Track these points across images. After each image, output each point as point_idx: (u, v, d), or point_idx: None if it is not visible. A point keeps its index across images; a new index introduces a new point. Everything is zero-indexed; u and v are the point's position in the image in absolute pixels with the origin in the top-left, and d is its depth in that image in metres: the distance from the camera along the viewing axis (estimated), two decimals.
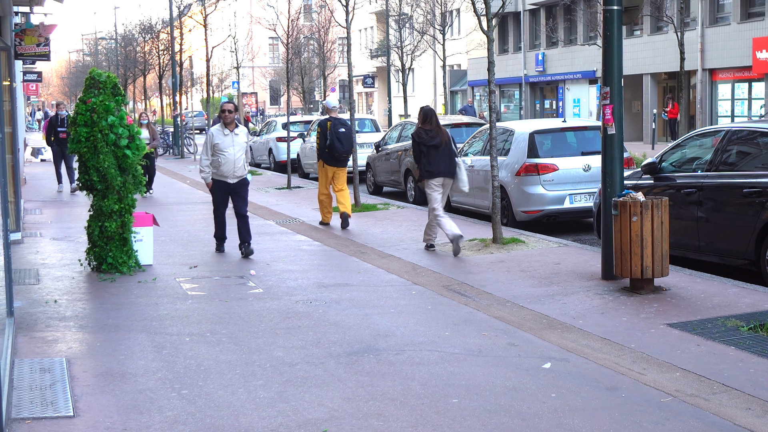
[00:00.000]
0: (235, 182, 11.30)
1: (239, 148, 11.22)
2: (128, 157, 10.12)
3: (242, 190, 11.38)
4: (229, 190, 11.36)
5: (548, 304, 8.20)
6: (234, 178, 11.28)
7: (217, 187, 11.38)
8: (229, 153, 11.15)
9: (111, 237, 10.10)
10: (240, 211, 11.33)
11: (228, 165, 11.17)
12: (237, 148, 11.19)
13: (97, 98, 10.09)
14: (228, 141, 11.17)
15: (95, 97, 10.10)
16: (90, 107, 10.06)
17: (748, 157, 9.51)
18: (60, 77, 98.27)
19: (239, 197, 11.36)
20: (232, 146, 11.17)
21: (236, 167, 11.22)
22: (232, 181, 11.29)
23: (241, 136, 11.30)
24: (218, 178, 11.30)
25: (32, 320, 7.94)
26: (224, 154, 11.13)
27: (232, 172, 11.22)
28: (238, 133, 11.26)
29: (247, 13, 54.93)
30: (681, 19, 25.07)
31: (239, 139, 11.26)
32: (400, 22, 35.05)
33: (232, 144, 11.18)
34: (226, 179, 11.27)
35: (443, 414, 5.43)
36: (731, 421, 5.24)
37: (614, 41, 9.00)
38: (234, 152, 11.17)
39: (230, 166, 11.18)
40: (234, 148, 11.17)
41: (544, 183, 13.12)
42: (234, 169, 11.22)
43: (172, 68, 35.56)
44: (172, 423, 5.35)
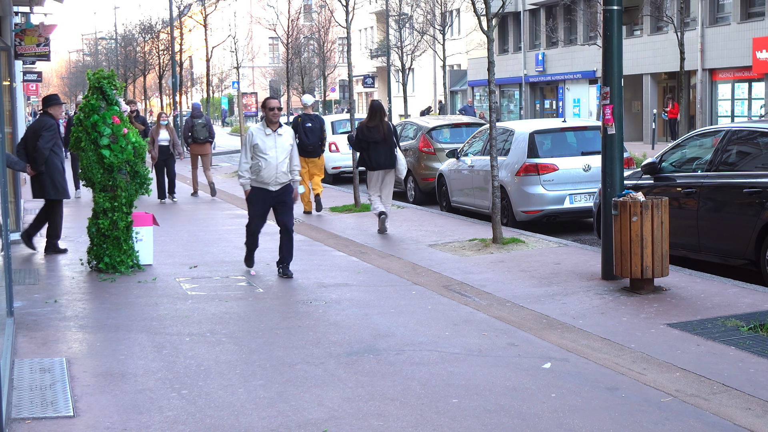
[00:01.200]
0: (277, 190, 9.80)
1: (283, 150, 9.73)
2: (105, 156, 10.05)
3: (287, 198, 9.89)
4: (270, 199, 9.85)
5: (548, 304, 8.20)
6: (276, 185, 9.78)
7: (255, 196, 9.86)
8: (270, 156, 9.65)
9: (106, 235, 10.11)
10: (285, 225, 9.89)
11: (269, 170, 9.69)
12: (280, 150, 9.71)
13: (90, 97, 10.18)
14: (270, 142, 9.70)
15: (91, 96, 10.19)
16: (80, 107, 10.21)
17: (748, 157, 9.51)
18: (60, 77, 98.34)
19: (284, 207, 9.89)
20: (275, 148, 9.68)
21: (278, 173, 9.71)
22: (273, 188, 9.78)
23: (286, 137, 9.81)
24: (258, 185, 9.79)
25: (32, 320, 7.94)
26: (265, 158, 9.65)
27: (274, 178, 9.72)
28: (281, 133, 9.78)
29: (247, 13, 54.93)
30: (681, 19, 25.08)
31: (283, 141, 9.77)
32: (400, 22, 35.06)
33: (274, 146, 9.70)
34: (266, 186, 9.77)
35: (443, 414, 5.43)
36: (731, 421, 5.24)
37: (614, 41, 9.00)
38: (276, 155, 9.67)
39: (272, 171, 9.69)
40: (276, 150, 9.69)
41: (544, 183, 13.12)
42: (276, 175, 9.71)
43: (172, 68, 35.59)
44: (172, 423, 5.35)
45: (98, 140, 10.06)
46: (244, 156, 9.82)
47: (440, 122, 19.11)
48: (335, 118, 25.52)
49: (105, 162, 10.07)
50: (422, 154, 17.82)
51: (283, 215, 9.90)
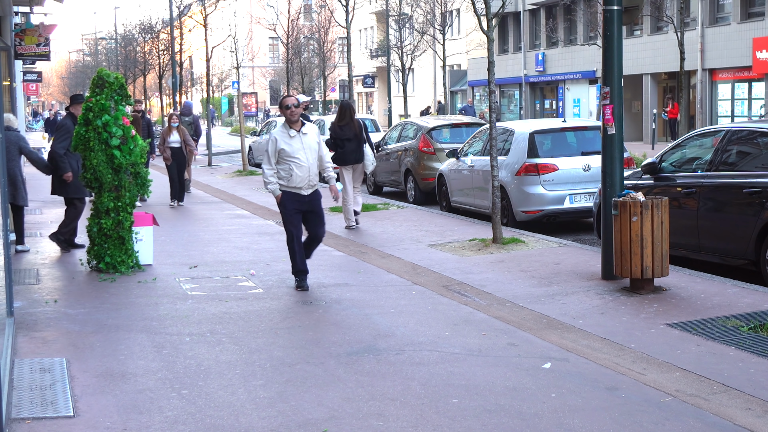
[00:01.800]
0: (309, 194, 9.16)
1: (312, 150, 9.11)
2: (116, 157, 10.09)
3: (317, 205, 9.27)
4: (303, 203, 9.14)
5: (548, 304, 8.20)
6: (309, 188, 9.13)
7: (289, 200, 9.10)
8: (301, 159, 9.00)
9: (108, 235, 10.12)
10: (317, 234, 9.33)
11: (302, 173, 9.00)
12: (309, 151, 9.08)
13: (96, 97, 10.16)
14: (297, 144, 9.01)
15: (95, 96, 10.17)
16: (88, 106, 10.15)
17: (748, 157, 9.51)
18: (60, 77, 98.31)
19: (317, 218, 9.27)
20: (303, 150, 9.02)
21: (311, 175, 9.09)
22: (306, 192, 9.12)
23: (311, 135, 9.18)
24: (290, 189, 9.11)
25: (32, 320, 7.94)
26: (296, 161, 8.97)
27: (307, 181, 9.06)
28: (306, 132, 9.12)
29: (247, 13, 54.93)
30: (681, 19, 25.06)
31: (309, 140, 9.13)
32: (400, 22, 35.07)
33: (302, 147, 9.02)
34: (299, 191, 9.08)
35: (443, 414, 5.43)
36: (731, 421, 5.24)
37: (614, 41, 9.00)
38: (307, 157, 9.04)
39: (305, 174, 9.01)
40: (305, 151, 9.04)
41: (544, 183, 13.12)
42: (309, 178, 9.07)
43: (172, 68, 35.58)
44: (172, 423, 5.35)
45: (109, 141, 10.08)
46: (268, 163, 9.10)
47: (440, 122, 19.11)
48: None
49: (114, 162, 10.10)
50: (422, 154, 17.82)
51: (315, 226, 9.29)
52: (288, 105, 9.02)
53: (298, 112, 9.08)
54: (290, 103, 9.03)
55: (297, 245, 9.22)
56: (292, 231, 9.18)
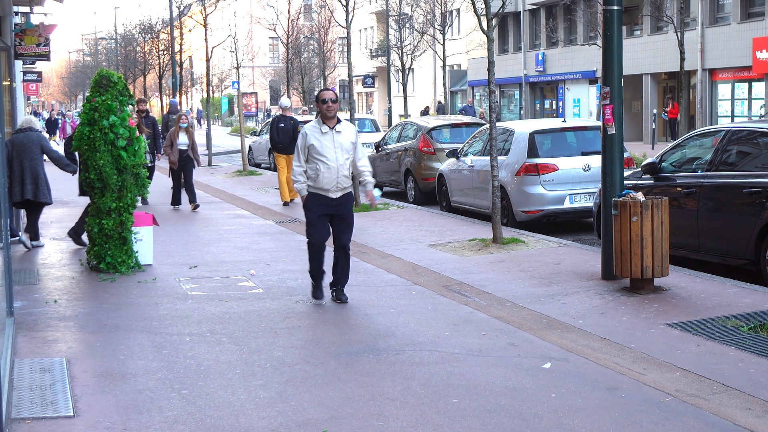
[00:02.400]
0: (338, 197, 8.43)
1: (343, 150, 8.38)
2: (122, 158, 10.11)
3: (347, 212, 8.52)
4: (330, 207, 8.44)
5: (548, 304, 8.20)
6: (337, 192, 8.39)
7: (314, 202, 8.43)
8: (330, 158, 8.31)
9: (109, 235, 10.12)
10: (341, 241, 8.54)
11: (329, 174, 8.32)
12: (340, 151, 8.37)
13: (100, 97, 10.15)
14: (328, 142, 8.35)
15: (99, 96, 10.17)
16: (93, 106, 10.13)
17: (748, 157, 9.51)
18: (60, 77, 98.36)
19: (344, 224, 8.51)
20: (334, 149, 8.34)
21: (340, 177, 8.35)
22: (334, 195, 8.40)
23: (346, 134, 8.45)
24: (316, 191, 8.42)
25: (32, 320, 7.94)
26: (323, 160, 8.31)
27: (335, 183, 8.34)
28: (341, 130, 8.42)
29: (247, 13, 54.94)
30: (681, 19, 25.06)
31: (343, 139, 8.41)
32: (400, 22, 35.05)
33: (333, 146, 8.35)
34: (327, 193, 8.39)
35: (443, 414, 5.43)
36: (731, 421, 5.24)
37: (614, 41, 9.00)
38: (336, 157, 8.33)
39: (332, 175, 8.32)
40: (336, 151, 8.35)
41: (544, 183, 13.12)
42: (337, 180, 8.34)
43: (172, 68, 35.59)
44: (172, 423, 5.35)
45: (116, 142, 10.09)
46: (298, 159, 8.46)
47: (440, 122, 19.11)
48: None
49: (120, 163, 10.11)
50: (422, 154, 17.82)
51: (341, 233, 8.53)
52: (325, 99, 8.37)
53: (335, 108, 8.41)
54: (327, 97, 8.38)
55: (317, 252, 8.53)
56: (313, 236, 8.50)
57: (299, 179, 8.46)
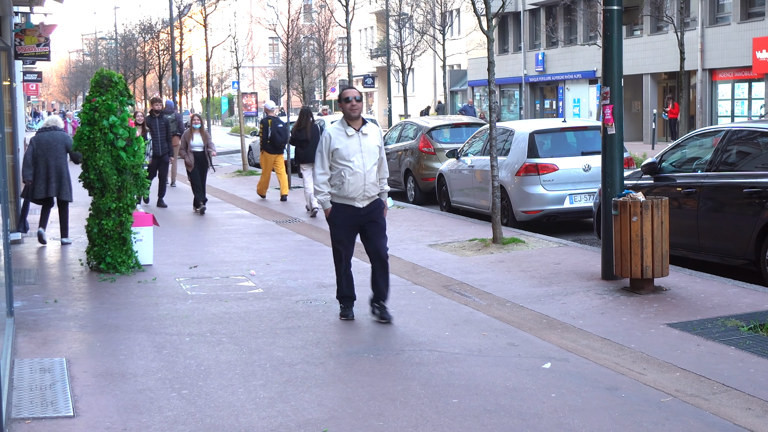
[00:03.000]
0: (366, 206, 7.67)
1: (371, 155, 7.64)
2: (122, 158, 10.12)
3: (378, 216, 7.73)
4: (357, 218, 7.66)
5: (548, 304, 8.20)
6: (364, 200, 7.64)
7: (339, 215, 7.65)
8: (356, 164, 7.54)
9: (109, 236, 10.12)
10: (376, 247, 7.69)
11: (356, 181, 7.54)
12: (368, 155, 7.61)
13: (101, 97, 10.16)
14: (354, 145, 7.58)
15: (99, 96, 10.17)
16: (93, 106, 10.14)
17: (748, 157, 9.51)
18: (60, 77, 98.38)
19: (376, 227, 7.71)
20: (360, 152, 7.57)
21: (367, 184, 7.59)
22: (361, 204, 7.63)
23: (373, 137, 7.72)
24: (341, 201, 7.62)
25: (32, 320, 7.94)
26: (349, 166, 7.52)
27: (362, 191, 7.58)
28: (367, 132, 7.68)
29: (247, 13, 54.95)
30: (681, 19, 25.07)
31: (369, 142, 7.66)
32: (400, 22, 35.06)
33: (359, 149, 7.58)
34: (352, 202, 7.61)
35: (443, 414, 5.43)
36: (731, 421, 5.24)
37: (614, 41, 9.00)
38: (363, 162, 7.57)
39: (359, 182, 7.55)
40: (363, 155, 7.58)
41: (544, 183, 13.12)
42: (364, 187, 7.58)
43: (172, 68, 35.59)
44: (172, 423, 5.35)
45: (116, 142, 10.09)
46: (321, 166, 7.60)
47: (440, 122, 19.11)
48: (334, 118, 25.53)
49: (120, 164, 10.12)
50: (422, 154, 17.83)
51: (374, 239, 7.69)
52: (348, 97, 7.61)
53: (360, 107, 7.65)
54: (351, 95, 7.63)
55: (345, 267, 7.81)
56: (340, 251, 7.77)
57: (323, 189, 7.59)
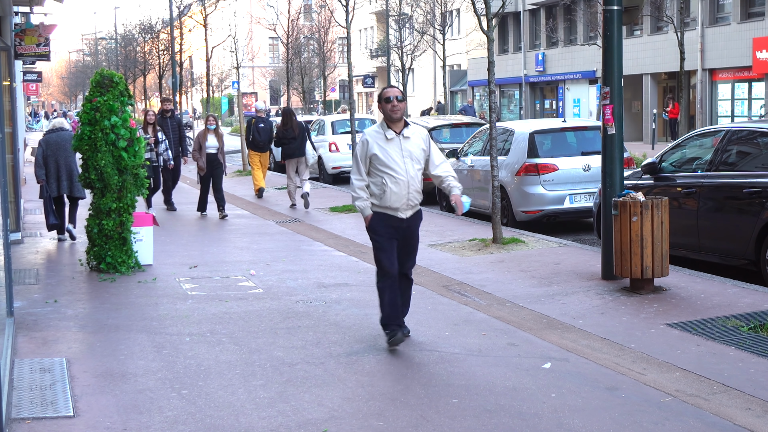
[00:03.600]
0: (409, 216, 6.99)
1: (414, 160, 6.88)
2: (123, 159, 10.13)
3: (413, 233, 7.14)
4: (399, 228, 6.98)
5: (548, 304, 8.20)
6: (407, 210, 6.95)
7: (380, 224, 6.94)
8: (398, 170, 6.80)
9: (110, 236, 10.12)
10: (405, 267, 7.15)
11: (398, 189, 6.81)
12: (411, 161, 6.86)
13: (101, 98, 10.16)
14: (394, 151, 6.83)
15: (100, 97, 10.17)
16: (94, 106, 10.14)
17: (748, 157, 9.51)
18: (60, 77, 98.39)
19: (409, 247, 7.13)
20: (402, 158, 6.83)
21: (411, 192, 6.88)
22: (404, 214, 6.94)
23: (416, 140, 6.93)
24: (381, 209, 6.92)
25: (32, 320, 7.94)
26: (391, 173, 6.80)
27: (405, 200, 6.87)
28: (409, 135, 6.90)
29: (247, 13, 54.95)
30: (681, 19, 25.07)
31: (412, 146, 6.89)
32: (400, 22, 35.05)
33: (401, 155, 6.84)
34: (395, 212, 6.91)
35: (443, 414, 5.43)
36: (731, 421, 5.24)
37: (614, 41, 9.00)
38: (406, 168, 6.83)
39: (401, 191, 6.82)
40: (406, 161, 6.84)
41: (544, 183, 13.12)
42: (408, 196, 6.87)
43: (172, 68, 35.58)
44: (172, 423, 5.35)
45: (117, 142, 10.10)
46: (358, 173, 6.94)
47: (440, 122, 19.11)
48: (335, 118, 25.54)
49: (121, 164, 10.12)
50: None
51: (406, 259, 7.14)
52: (389, 97, 6.85)
53: (402, 108, 6.89)
54: (392, 95, 6.87)
55: (390, 285, 6.98)
56: (385, 265, 6.95)
57: (361, 195, 6.92)
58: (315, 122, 25.42)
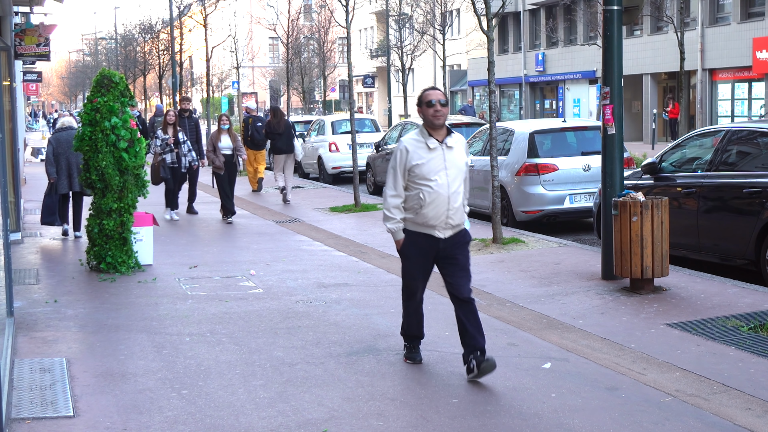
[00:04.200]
0: (448, 236, 6.15)
1: (457, 171, 6.12)
2: (124, 159, 10.15)
3: (459, 252, 6.21)
4: (435, 250, 6.17)
5: (548, 304, 8.20)
6: (447, 229, 6.11)
7: (414, 247, 6.19)
8: (440, 183, 6.03)
9: (110, 236, 10.12)
10: (461, 293, 6.18)
11: (438, 206, 6.03)
12: (453, 172, 6.08)
13: (102, 98, 10.16)
14: (437, 161, 6.05)
15: (101, 97, 10.18)
16: (95, 107, 10.14)
17: (748, 157, 9.51)
18: (60, 77, 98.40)
19: (456, 266, 6.18)
20: (446, 170, 6.06)
21: (451, 209, 6.06)
22: (442, 234, 6.12)
23: (459, 150, 6.17)
24: (417, 228, 6.13)
25: (32, 320, 7.94)
26: (431, 186, 6.02)
27: (445, 218, 6.06)
28: (452, 144, 6.13)
29: (247, 13, 54.97)
30: (681, 19, 25.07)
31: (456, 157, 6.14)
32: (400, 22, 35.05)
33: (444, 166, 6.06)
34: (432, 231, 6.10)
35: (443, 414, 5.43)
36: (731, 421, 5.24)
37: (614, 41, 9.00)
38: (448, 181, 6.05)
39: (441, 207, 6.04)
40: (449, 173, 6.06)
41: (544, 183, 13.12)
42: (447, 213, 6.06)
43: (172, 68, 35.59)
44: (172, 423, 5.35)
45: (117, 143, 10.10)
46: (393, 186, 6.13)
47: None
48: (335, 118, 25.52)
49: (122, 165, 10.13)
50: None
51: (455, 279, 6.18)
52: (431, 101, 6.14)
53: (445, 114, 6.15)
54: (435, 98, 6.15)
55: (417, 306, 6.46)
56: (410, 286, 6.37)
57: (394, 215, 6.13)
58: (315, 122, 25.38)
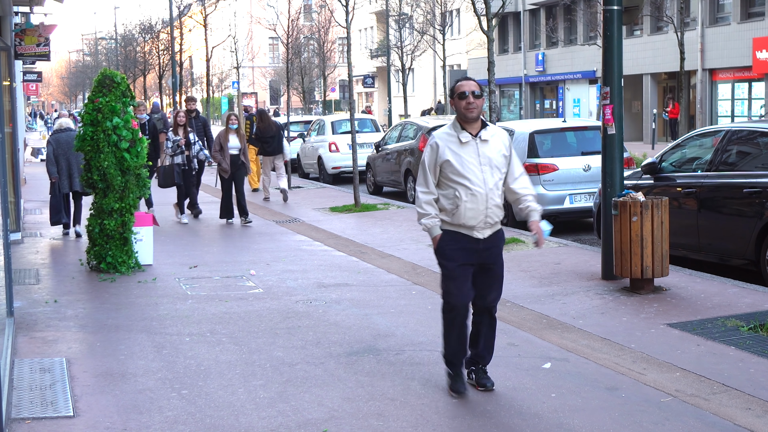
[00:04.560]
0: (487, 237, 5.77)
1: (493, 168, 5.70)
2: (126, 159, 10.15)
3: (496, 257, 5.88)
4: (474, 251, 5.75)
5: (548, 304, 8.20)
6: (486, 229, 5.74)
7: (452, 245, 5.75)
8: (475, 180, 5.63)
9: (111, 236, 10.13)
10: (486, 301, 5.89)
11: (475, 204, 5.64)
12: (490, 168, 5.69)
13: (104, 98, 10.17)
14: (471, 156, 5.67)
15: (103, 97, 10.18)
16: (96, 107, 10.15)
17: (748, 157, 9.51)
18: (60, 77, 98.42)
19: (490, 276, 5.87)
20: (480, 166, 5.67)
21: (490, 207, 5.67)
22: (481, 234, 5.73)
23: (496, 143, 5.75)
24: (453, 227, 5.74)
25: (32, 320, 7.94)
26: (465, 183, 5.63)
27: (483, 217, 5.68)
28: (487, 137, 5.72)
29: (247, 13, 54.97)
30: (681, 19, 25.09)
31: (492, 151, 5.72)
32: (400, 22, 35.07)
33: (478, 162, 5.67)
34: (470, 232, 5.72)
35: (443, 414, 5.43)
36: (731, 421, 5.24)
37: (614, 41, 9.00)
38: (484, 178, 5.65)
39: (479, 205, 5.64)
40: (484, 169, 5.67)
41: (544, 183, 13.12)
42: (486, 212, 5.67)
43: (172, 68, 35.60)
44: (172, 423, 5.35)
45: (119, 143, 10.11)
46: (424, 183, 5.79)
47: (440, 122, 19.08)
48: (335, 118, 25.51)
49: (124, 165, 10.14)
50: (422, 154, 17.81)
51: (487, 290, 5.87)
52: (464, 92, 5.68)
53: (480, 106, 5.72)
54: (468, 89, 5.70)
55: (459, 319, 5.81)
56: (454, 296, 5.78)
57: (428, 211, 5.75)
58: (315, 122, 25.38)
